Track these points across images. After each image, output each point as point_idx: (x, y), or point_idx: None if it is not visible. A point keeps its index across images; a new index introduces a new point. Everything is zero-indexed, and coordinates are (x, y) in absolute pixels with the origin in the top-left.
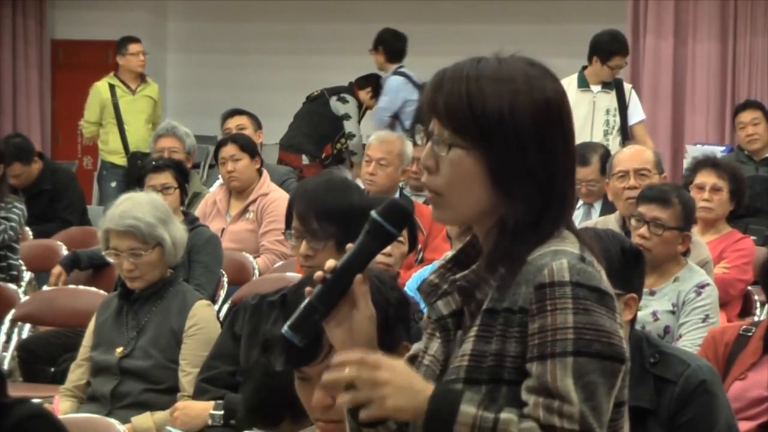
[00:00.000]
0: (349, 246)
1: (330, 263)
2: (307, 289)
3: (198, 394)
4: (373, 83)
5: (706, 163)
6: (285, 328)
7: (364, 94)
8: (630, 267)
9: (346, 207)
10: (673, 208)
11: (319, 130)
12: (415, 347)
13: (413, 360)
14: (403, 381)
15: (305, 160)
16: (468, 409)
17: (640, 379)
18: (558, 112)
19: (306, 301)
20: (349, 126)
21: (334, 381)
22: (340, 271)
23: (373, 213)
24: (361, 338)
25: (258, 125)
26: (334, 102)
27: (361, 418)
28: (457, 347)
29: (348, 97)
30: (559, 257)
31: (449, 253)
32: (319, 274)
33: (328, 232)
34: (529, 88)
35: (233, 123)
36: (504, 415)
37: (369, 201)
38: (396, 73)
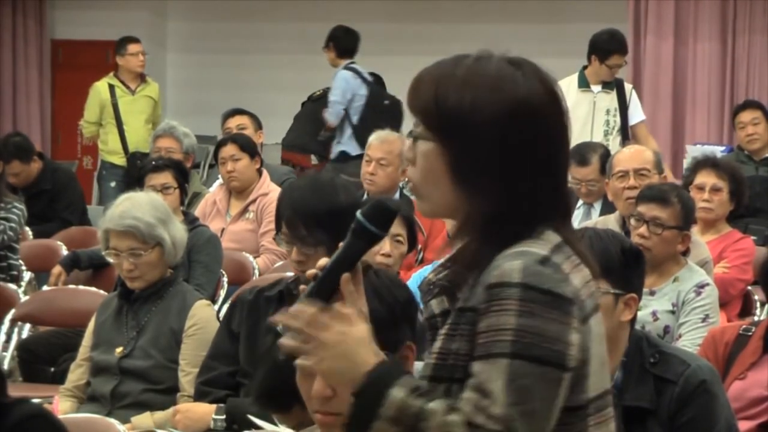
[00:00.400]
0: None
1: (321, 262)
2: (301, 286)
3: (199, 397)
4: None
5: (706, 163)
6: (280, 325)
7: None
8: (630, 267)
9: (334, 210)
10: (673, 208)
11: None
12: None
13: None
14: (345, 349)
15: (314, 159)
16: (397, 393)
17: (640, 379)
18: (528, 114)
19: (298, 299)
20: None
21: (283, 323)
22: (328, 271)
23: (357, 213)
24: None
25: (258, 125)
26: None
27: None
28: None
29: None
30: (516, 258)
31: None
32: (311, 271)
33: (318, 239)
34: (496, 87)
35: (234, 123)
36: (431, 405)
37: (357, 199)
38: (345, 68)
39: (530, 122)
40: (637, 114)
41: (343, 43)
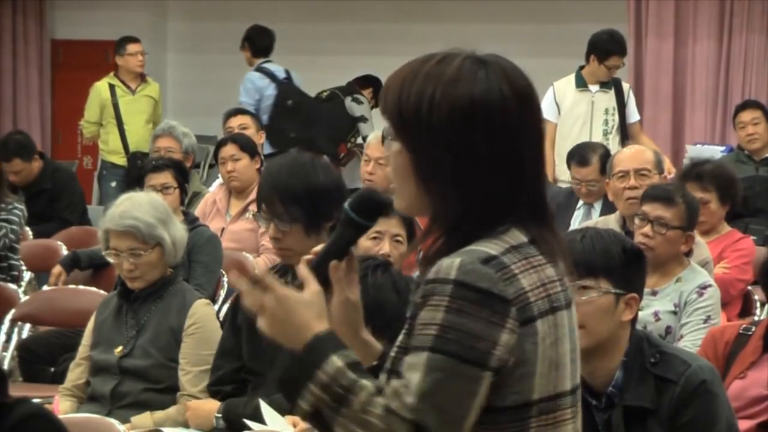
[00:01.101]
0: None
1: (316, 248)
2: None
3: (210, 397)
4: (374, 84)
5: (689, 176)
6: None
7: (367, 94)
8: (631, 266)
9: (311, 188)
10: (677, 208)
11: (336, 130)
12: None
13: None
14: (284, 314)
15: (326, 159)
16: (337, 361)
17: (641, 379)
18: (485, 113)
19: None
20: (366, 129)
21: (234, 285)
22: (318, 260)
23: (345, 204)
24: (337, 322)
25: (260, 125)
26: (348, 102)
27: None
28: None
29: (362, 98)
30: (458, 256)
31: None
32: (306, 257)
33: (294, 215)
34: (453, 86)
35: (236, 122)
36: (363, 381)
37: (336, 179)
38: (257, 68)
39: (486, 121)
40: (633, 114)
41: (258, 43)
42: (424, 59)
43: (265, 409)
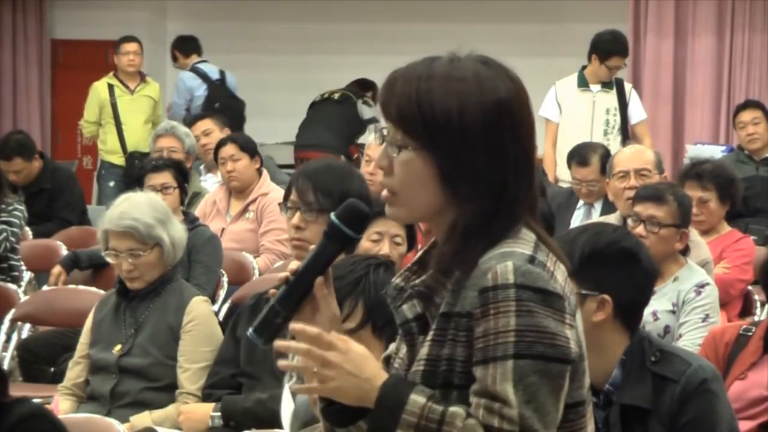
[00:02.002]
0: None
1: (292, 266)
2: (271, 290)
3: (204, 401)
4: (372, 87)
5: (689, 175)
6: (250, 330)
7: (370, 97)
8: (604, 266)
9: (345, 188)
10: (669, 206)
11: (350, 132)
12: (391, 348)
13: (388, 360)
14: (352, 366)
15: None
16: (417, 398)
17: (639, 378)
18: (510, 114)
19: (269, 303)
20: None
21: (287, 348)
22: (300, 274)
23: (332, 215)
24: None
25: (223, 124)
26: (360, 105)
27: (293, 389)
28: (418, 351)
29: (371, 101)
30: (505, 259)
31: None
32: (282, 275)
33: (323, 205)
34: (480, 88)
35: (199, 129)
36: (452, 408)
37: (367, 192)
38: (191, 68)
39: (511, 122)
40: (638, 113)
41: (184, 47)
42: (428, 63)
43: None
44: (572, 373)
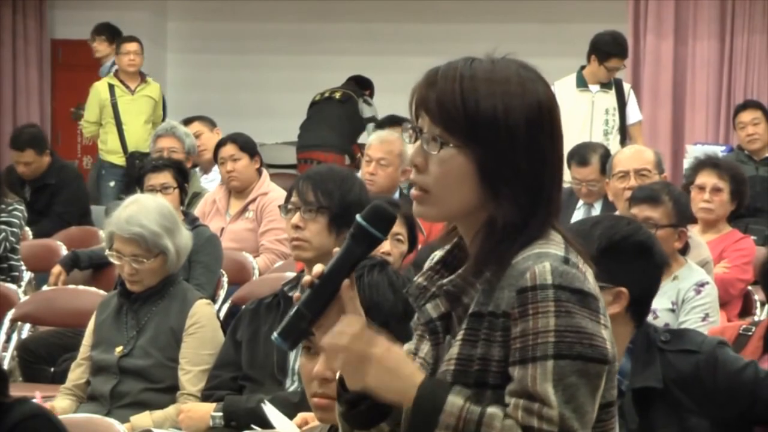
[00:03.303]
0: (335, 250)
1: (317, 268)
2: (296, 294)
3: (203, 401)
4: (370, 86)
5: (706, 163)
6: (275, 334)
7: (367, 96)
8: (616, 259)
9: (345, 191)
10: (664, 206)
11: (352, 131)
12: (406, 347)
13: None
14: (392, 363)
15: (348, 161)
16: (456, 399)
17: (647, 362)
18: (549, 116)
19: (294, 307)
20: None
21: (329, 345)
22: (327, 276)
23: (358, 217)
24: None
25: (213, 124)
26: (361, 104)
27: (349, 385)
28: (446, 351)
29: (370, 100)
30: (542, 260)
31: (437, 254)
32: (307, 279)
33: (323, 204)
34: (523, 90)
35: (191, 131)
36: (491, 409)
37: (367, 198)
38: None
39: (549, 124)
40: (634, 114)
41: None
42: (467, 61)
43: (270, 410)
44: (607, 373)
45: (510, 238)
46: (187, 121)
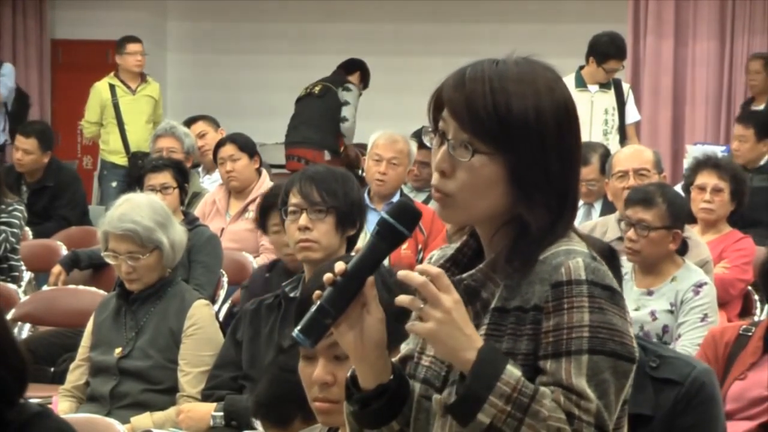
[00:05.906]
0: (358, 248)
1: (340, 266)
2: (316, 292)
3: (203, 401)
4: (361, 67)
5: (707, 163)
6: (296, 331)
7: (354, 79)
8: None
9: (348, 190)
10: (657, 208)
11: (333, 125)
12: (407, 348)
13: (405, 361)
14: (459, 318)
15: (327, 155)
16: (514, 370)
17: (640, 387)
18: (573, 115)
19: (317, 304)
20: (345, 111)
21: (406, 278)
22: (351, 273)
23: (383, 214)
24: (372, 341)
25: (217, 124)
26: (340, 92)
27: (408, 328)
28: None
29: (351, 86)
30: (573, 256)
31: (436, 253)
32: (329, 276)
33: (331, 204)
34: (550, 90)
35: (194, 131)
36: (542, 389)
37: (362, 198)
38: None
39: (575, 124)
40: (632, 114)
41: None
42: (492, 63)
43: None
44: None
45: (538, 240)
46: (192, 121)
